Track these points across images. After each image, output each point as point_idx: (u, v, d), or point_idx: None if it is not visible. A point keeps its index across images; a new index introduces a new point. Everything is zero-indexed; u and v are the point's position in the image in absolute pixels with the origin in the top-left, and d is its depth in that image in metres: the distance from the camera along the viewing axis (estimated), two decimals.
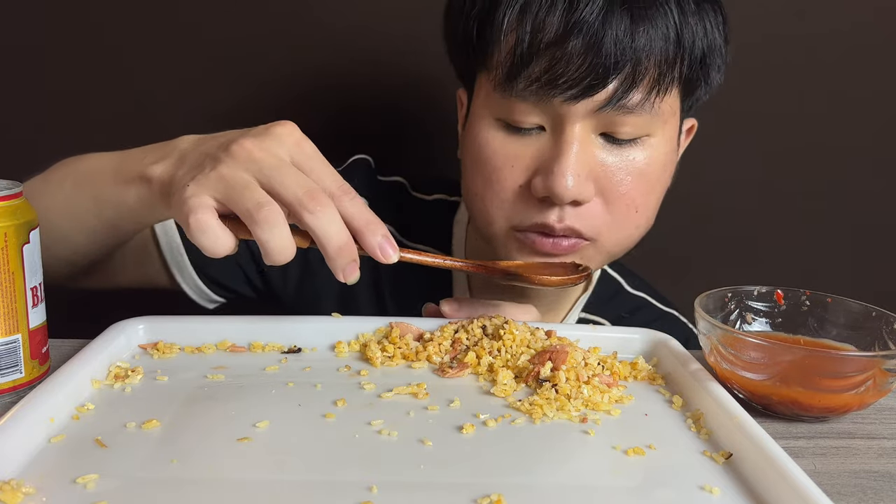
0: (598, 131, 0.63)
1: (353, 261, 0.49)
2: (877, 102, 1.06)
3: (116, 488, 0.40)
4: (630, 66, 0.59)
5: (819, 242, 1.10)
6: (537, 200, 0.64)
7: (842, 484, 0.45)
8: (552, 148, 0.63)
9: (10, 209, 0.50)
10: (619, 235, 0.67)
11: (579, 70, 0.59)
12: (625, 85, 0.60)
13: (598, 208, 0.64)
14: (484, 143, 0.65)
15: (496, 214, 0.66)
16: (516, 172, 0.64)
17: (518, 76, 0.61)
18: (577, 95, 0.60)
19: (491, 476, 0.43)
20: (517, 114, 0.63)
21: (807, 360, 0.51)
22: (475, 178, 0.67)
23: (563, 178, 0.61)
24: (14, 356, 0.52)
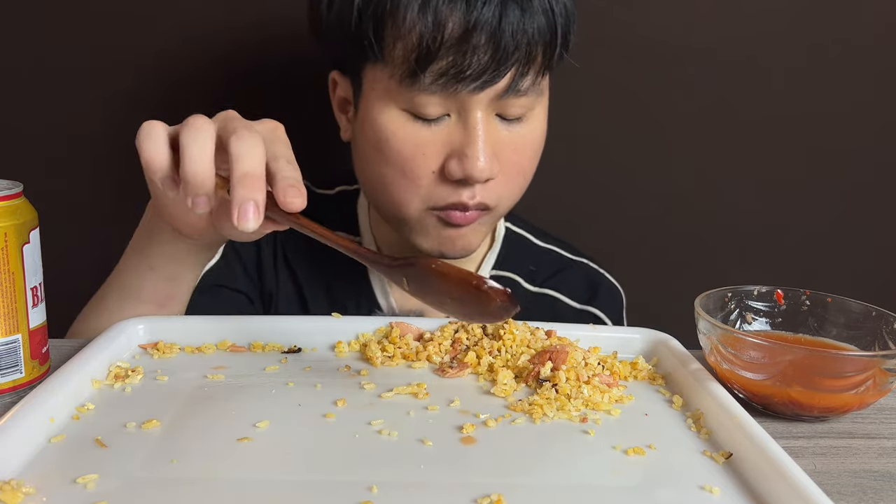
0: (493, 113, 0.68)
1: (254, 201, 0.47)
2: (877, 102, 1.06)
3: (116, 488, 0.40)
4: (524, 54, 0.65)
5: (819, 242, 1.10)
6: (451, 182, 0.68)
7: (842, 484, 0.45)
8: (462, 134, 0.67)
9: (10, 209, 0.50)
10: (510, 201, 0.74)
11: (482, 63, 0.64)
12: (521, 71, 0.66)
13: (498, 181, 0.70)
14: (391, 134, 0.68)
15: (411, 199, 0.70)
16: (429, 159, 0.68)
17: (424, 71, 0.64)
18: (481, 86, 0.65)
19: (491, 476, 0.43)
20: (424, 106, 0.66)
21: (807, 359, 0.51)
22: (384, 168, 0.70)
23: (478, 161, 0.66)
24: (14, 356, 0.52)
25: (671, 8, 1.01)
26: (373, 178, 0.72)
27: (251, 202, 0.47)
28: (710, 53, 1.02)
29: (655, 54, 1.02)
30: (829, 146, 1.07)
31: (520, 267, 0.87)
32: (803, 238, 1.10)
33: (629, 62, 1.03)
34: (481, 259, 0.85)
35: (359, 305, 0.82)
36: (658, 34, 1.02)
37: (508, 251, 0.87)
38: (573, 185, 1.07)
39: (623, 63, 1.03)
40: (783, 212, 1.09)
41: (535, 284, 0.87)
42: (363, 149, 0.72)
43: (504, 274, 0.86)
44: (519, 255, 0.87)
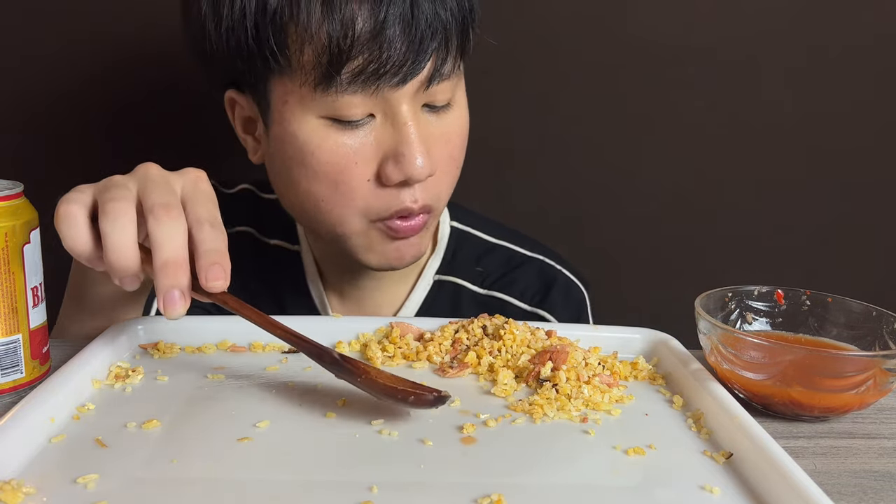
0: (421, 104, 0.65)
1: (179, 289, 0.46)
2: (877, 102, 1.06)
3: (117, 488, 0.40)
4: (442, 39, 0.62)
5: (819, 242, 1.10)
6: (390, 187, 0.64)
7: (842, 484, 0.45)
8: (392, 133, 0.63)
9: (10, 209, 0.50)
10: (447, 195, 0.70)
11: (401, 55, 0.60)
12: (440, 57, 0.63)
13: (436, 178, 0.66)
14: (315, 147, 0.63)
15: (349, 214, 0.66)
16: (362, 167, 0.64)
17: (340, 72, 0.60)
18: (403, 79, 0.61)
19: (491, 476, 0.43)
20: (345, 108, 0.62)
21: (807, 359, 0.51)
22: (312, 185, 0.65)
23: (415, 159, 0.62)
24: (14, 356, 0.52)
25: (671, 8, 1.01)
26: (301, 197, 0.67)
27: (175, 290, 0.46)
28: (710, 53, 1.02)
29: (655, 54, 1.02)
30: (829, 146, 1.07)
31: (466, 270, 0.82)
32: (803, 238, 1.10)
33: (629, 62, 1.03)
34: (423, 264, 0.81)
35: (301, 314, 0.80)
36: (658, 34, 1.02)
37: (455, 253, 0.83)
38: (573, 185, 1.07)
39: (623, 63, 1.03)
40: (783, 212, 1.09)
41: (483, 287, 0.82)
42: (285, 168, 0.67)
43: (448, 279, 0.81)
44: (466, 256, 0.83)
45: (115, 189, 0.49)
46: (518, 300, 0.81)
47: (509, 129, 1.04)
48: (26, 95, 1.00)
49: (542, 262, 0.84)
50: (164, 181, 0.50)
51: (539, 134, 1.05)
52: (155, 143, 1.02)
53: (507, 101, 1.03)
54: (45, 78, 0.99)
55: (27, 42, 0.98)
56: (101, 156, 1.02)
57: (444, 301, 0.81)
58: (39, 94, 1.00)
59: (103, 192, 0.49)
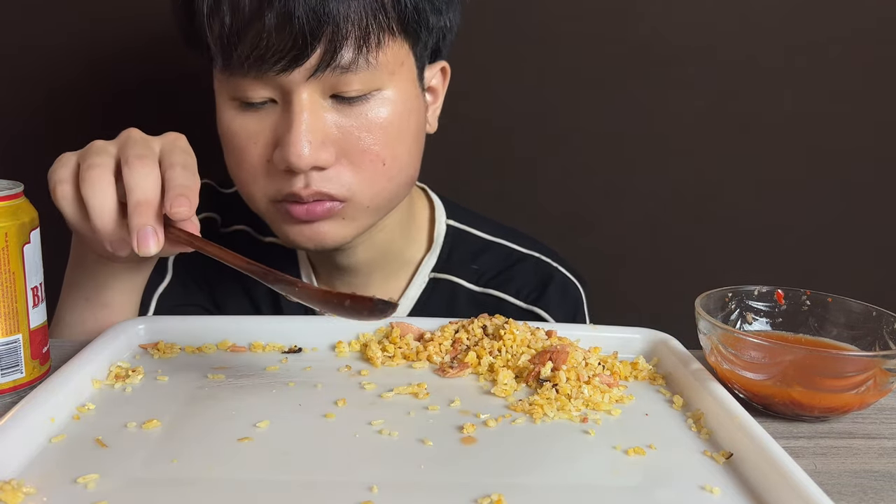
0: (326, 94, 0.64)
1: (151, 227, 0.50)
2: (877, 102, 1.06)
3: (117, 488, 0.40)
4: (329, 30, 0.61)
5: (819, 242, 1.10)
6: (282, 171, 0.65)
7: (842, 484, 0.45)
8: (284, 119, 0.64)
9: (10, 209, 0.50)
10: (373, 190, 0.68)
11: (281, 42, 0.61)
12: (331, 48, 0.61)
13: (344, 169, 0.66)
14: (227, 124, 0.67)
15: (254, 192, 0.68)
16: (259, 148, 0.66)
17: (231, 56, 0.63)
18: (287, 66, 0.62)
19: (491, 476, 0.43)
20: (245, 90, 0.64)
21: (807, 359, 0.51)
22: (229, 160, 0.69)
23: (297, 147, 0.62)
24: (15, 356, 0.52)
25: (671, 7, 1.01)
26: (229, 172, 0.71)
27: (147, 227, 0.49)
28: (710, 53, 1.02)
29: (655, 54, 1.02)
30: (829, 146, 1.07)
31: (462, 268, 0.82)
32: (803, 238, 1.10)
33: (629, 61, 1.03)
34: (418, 263, 0.82)
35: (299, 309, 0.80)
36: (658, 34, 1.02)
37: (451, 251, 0.83)
38: (573, 185, 1.07)
39: (623, 62, 1.03)
40: (783, 212, 1.09)
41: (479, 285, 0.82)
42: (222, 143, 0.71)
43: (443, 277, 0.82)
44: (462, 254, 0.83)
45: (94, 156, 0.53)
46: (514, 298, 0.81)
47: (509, 129, 1.04)
48: (26, 95, 1.00)
49: (538, 260, 0.84)
50: (143, 140, 0.54)
51: (539, 133, 1.05)
52: None
53: (507, 100, 1.03)
54: (46, 78, 0.99)
55: (27, 42, 0.98)
56: None
57: (440, 299, 0.81)
58: (39, 94, 1.00)
59: (83, 160, 0.53)
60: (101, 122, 1.00)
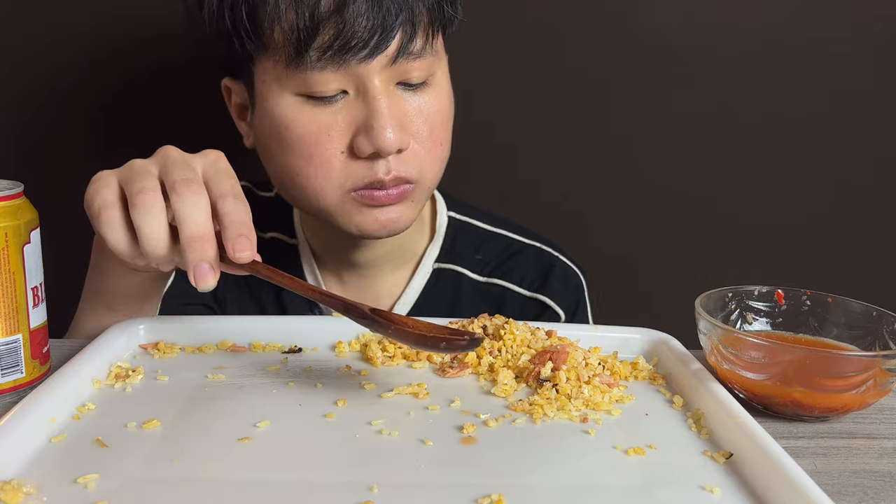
0: (394, 82, 0.67)
1: (206, 262, 0.48)
2: (877, 102, 1.06)
3: (117, 488, 0.40)
4: (408, 15, 0.64)
5: (819, 242, 1.10)
6: (363, 159, 0.66)
7: (842, 484, 0.45)
8: (363, 107, 0.65)
9: (10, 209, 0.50)
10: (433, 171, 0.71)
11: (366, 29, 0.62)
12: (408, 34, 0.65)
13: (414, 151, 0.68)
14: (291, 122, 0.67)
15: (326, 185, 0.68)
16: (335, 140, 0.66)
17: (308, 49, 0.63)
18: (370, 53, 0.63)
19: (491, 476, 0.43)
20: (317, 84, 0.65)
21: (807, 359, 0.51)
22: (290, 160, 0.68)
23: (385, 132, 0.64)
24: (15, 356, 0.52)
25: (671, 7, 1.01)
26: (280, 171, 0.70)
27: (203, 263, 0.48)
28: (710, 52, 1.02)
29: (655, 53, 1.02)
30: (829, 146, 1.07)
31: (465, 258, 0.84)
32: (803, 238, 1.10)
33: (629, 61, 1.03)
34: (422, 253, 0.83)
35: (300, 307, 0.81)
36: (659, 33, 1.02)
37: (453, 242, 0.84)
38: (573, 184, 1.07)
39: (624, 62, 1.03)
40: (783, 212, 1.09)
41: (483, 274, 0.84)
42: (266, 145, 0.70)
43: (447, 267, 0.83)
44: (465, 245, 0.85)
45: (140, 179, 0.50)
46: (518, 286, 0.83)
47: (510, 128, 1.04)
48: (26, 95, 1.00)
49: (539, 249, 0.86)
50: (184, 161, 0.52)
51: (539, 133, 1.05)
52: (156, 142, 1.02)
53: (508, 99, 1.03)
54: (46, 78, 0.99)
55: (27, 42, 0.98)
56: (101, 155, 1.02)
57: (444, 289, 0.83)
58: (39, 94, 1.00)
59: (130, 184, 0.50)
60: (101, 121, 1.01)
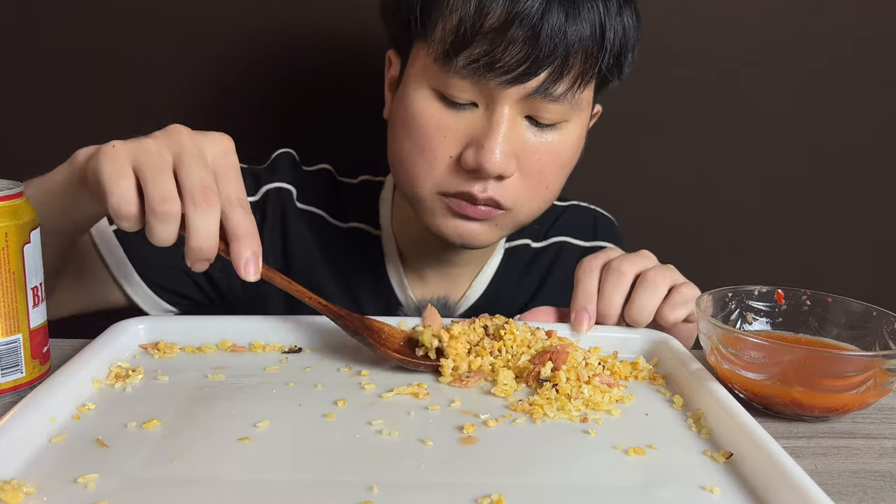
0: (524, 114, 0.68)
1: (206, 260, 0.51)
2: (878, 102, 1.06)
3: (117, 488, 0.40)
4: (560, 59, 0.65)
5: (819, 242, 1.10)
6: (465, 171, 0.68)
7: (842, 483, 0.45)
8: (484, 125, 0.67)
9: (10, 209, 0.50)
10: (530, 208, 0.73)
11: (516, 57, 0.63)
12: (554, 75, 0.65)
13: (515, 182, 0.70)
14: (418, 112, 0.69)
15: (424, 178, 0.70)
16: (448, 143, 0.68)
17: (458, 54, 0.65)
18: (511, 81, 0.64)
19: (491, 476, 0.43)
20: (453, 89, 0.67)
21: (807, 359, 0.51)
22: (406, 143, 0.71)
23: (493, 154, 0.66)
24: (15, 356, 0.52)
25: (671, 7, 1.01)
26: (395, 152, 0.73)
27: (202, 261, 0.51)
28: (710, 52, 1.02)
29: (655, 53, 1.02)
30: (829, 146, 1.07)
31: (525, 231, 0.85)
32: (803, 238, 1.10)
33: None
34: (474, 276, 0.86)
35: (378, 301, 0.83)
36: (658, 33, 1.01)
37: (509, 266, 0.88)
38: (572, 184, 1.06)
39: None
40: (783, 212, 1.09)
41: (540, 240, 0.89)
42: (394, 124, 0.73)
43: (516, 244, 0.88)
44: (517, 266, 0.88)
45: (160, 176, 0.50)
46: (575, 239, 0.90)
47: None
48: (26, 95, 1.00)
49: (577, 206, 0.93)
50: (198, 153, 0.52)
51: None
52: None
53: None
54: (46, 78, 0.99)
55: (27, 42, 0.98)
56: None
57: (518, 264, 0.87)
58: (39, 93, 1.00)
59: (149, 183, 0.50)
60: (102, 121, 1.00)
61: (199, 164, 0.51)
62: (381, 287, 0.83)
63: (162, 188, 0.50)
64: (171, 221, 0.50)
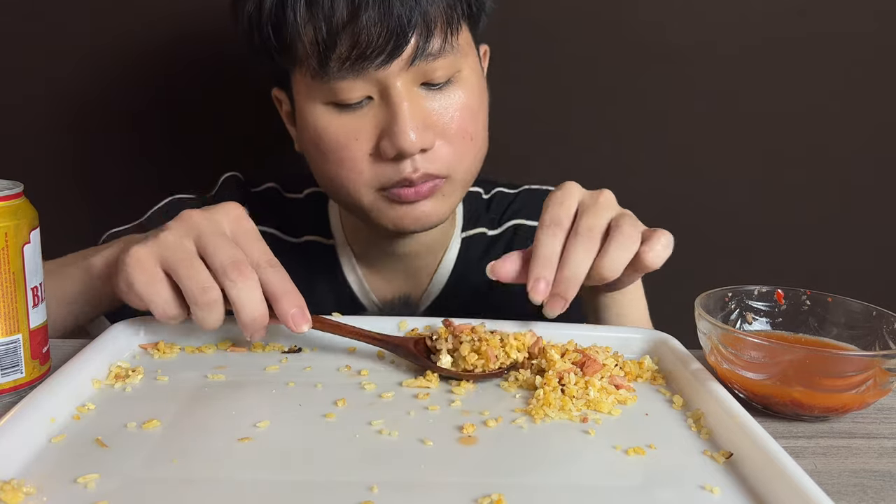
0: (417, 83, 0.69)
1: (263, 327, 0.54)
2: (877, 102, 1.06)
3: (117, 488, 0.40)
4: (421, 19, 0.66)
5: (819, 242, 1.10)
6: (390, 161, 0.69)
7: (842, 483, 0.45)
8: (386, 112, 0.68)
9: (10, 209, 0.50)
10: (465, 165, 0.73)
11: (381, 37, 0.65)
12: (423, 36, 0.67)
13: (442, 149, 0.70)
14: (322, 129, 0.70)
15: (357, 186, 0.71)
16: (363, 143, 0.69)
17: (329, 60, 0.66)
18: (386, 60, 0.66)
19: (491, 476, 0.43)
20: (342, 93, 0.68)
21: (807, 359, 0.51)
22: (326, 164, 0.72)
23: (406, 135, 0.67)
24: (15, 356, 0.52)
25: (672, 6, 1.01)
26: (322, 177, 0.74)
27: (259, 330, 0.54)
28: (710, 52, 1.02)
29: (655, 53, 1.02)
30: (829, 146, 1.07)
31: (482, 220, 0.89)
32: (803, 238, 1.10)
33: (629, 61, 1.03)
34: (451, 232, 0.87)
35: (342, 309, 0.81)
36: (658, 33, 1.02)
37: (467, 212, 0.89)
38: None
39: (622, 62, 1.03)
40: (783, 212, 1.09)
41: (495, 227, 0.90)
42: (308, 151, 0.74)
43: (472, 233, 0.88)
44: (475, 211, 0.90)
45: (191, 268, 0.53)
46: (529, 221, 0.90)
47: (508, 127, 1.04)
48: (26, 95, 1.00)
49: (528, 190, 0.93)
50: (217, 230, 0.55)
51: (537, 132, 1.05)
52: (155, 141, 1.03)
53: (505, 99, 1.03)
54: (45, 78, 0.99)
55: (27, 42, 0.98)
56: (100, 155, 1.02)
57: (475, 252, 0.88)
58: (39, 93, 1.00)
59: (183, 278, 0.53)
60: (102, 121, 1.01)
61: (223, 242, 0.54)
62: (343, 295, 0.84)
63: (197, 279, 0.53)
64: (215, 308, 0.53)
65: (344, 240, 0.85)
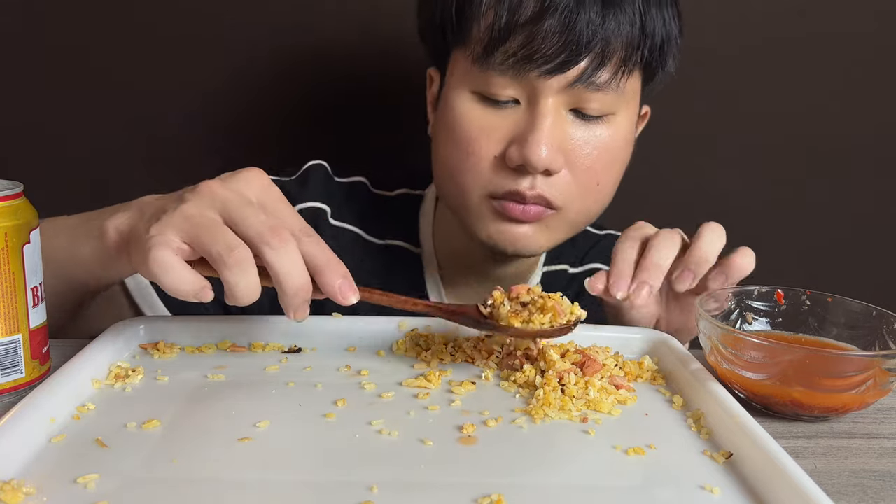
0: (568, 107, 0.68)
1: (306, 301, 0.49)
2: (877, 102, 1.06)
3: (117, 488, 0.40)
4: (600, 47, 0.65)
5: (820, 242, 1.10)
6: (511, 169, 0.68)
7: (842, 483, 0.45)
8: (527, 120, 0.67)
9: (10, 209, 0.50)
10: (581, 206, 0.71)
11: (554, 47, 0.64)
12: (594, 63, 0.65)
13: (565, 179, 0.69)
14: (460, 116, 0.69)
15: (471, 183, 0.70)
16: (492, 142, 0.68)
17: (496, 51, 0.65)
18: (551, 71, 0.64)
19: (491, 476, 0.43)
20: (493, 87, 0.67)
21: (807, 359, 0.51)
22: (450, 150, 0.70)
23: (538, 148, 0.65)
24: (14, 356, 0.52)
25: None
26: (440, 162, 0.73)
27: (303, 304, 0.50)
28: (710, 52, 1.02)
29: None
30: (829, 145, 1.07)
31: (565, 256, 0.87)
32: (803, 238, 1.10)
33: None
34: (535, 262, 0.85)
35: None
36: None
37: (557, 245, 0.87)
38: None
39: None
40: (783, 212, 1.09)
41: (576, 266, 0.88)
42: (437, 135, 0.73)
43: (554, 268, 0.87)
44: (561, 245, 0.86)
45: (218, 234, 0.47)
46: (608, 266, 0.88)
47: None
48: (27, 95, 1.00)
49: (613, 235, 0.91)
50: (242, 198, 0.49)
51: None
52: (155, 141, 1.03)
53: None
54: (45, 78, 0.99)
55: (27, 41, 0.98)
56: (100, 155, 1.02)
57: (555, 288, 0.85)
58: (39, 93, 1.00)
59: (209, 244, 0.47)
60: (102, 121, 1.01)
61: (251, 210, 0.48)
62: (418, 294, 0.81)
63: (224, 240, 0.47)
64: (248, 268, 0.47)
65: (432, 251, 0.82)
